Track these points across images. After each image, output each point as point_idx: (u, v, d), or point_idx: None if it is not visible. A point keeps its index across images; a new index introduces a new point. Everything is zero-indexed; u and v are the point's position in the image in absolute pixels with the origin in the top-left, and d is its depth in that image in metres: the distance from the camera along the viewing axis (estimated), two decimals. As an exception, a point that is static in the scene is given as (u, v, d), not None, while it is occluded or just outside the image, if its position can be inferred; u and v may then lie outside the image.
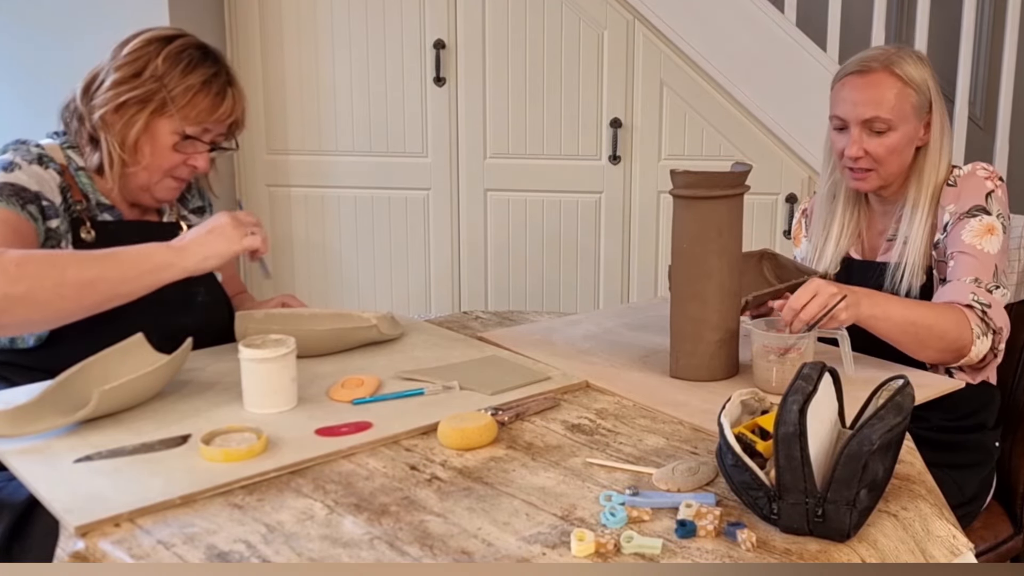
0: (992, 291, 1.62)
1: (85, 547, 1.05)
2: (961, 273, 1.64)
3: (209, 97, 1.60)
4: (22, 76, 3.03)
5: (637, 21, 2.94)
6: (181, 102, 1.58)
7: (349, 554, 1.03)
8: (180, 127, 1.59)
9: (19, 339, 1.54)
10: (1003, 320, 1.63)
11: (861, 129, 1.69)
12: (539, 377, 1.53)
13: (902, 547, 1.07)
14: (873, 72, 1.69)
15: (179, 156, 1.62)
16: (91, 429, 1.32)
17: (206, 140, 1.64)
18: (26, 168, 1.55)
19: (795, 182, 2.96)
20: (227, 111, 1.63)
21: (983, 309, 1.60)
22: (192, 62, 1.59)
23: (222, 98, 1.62)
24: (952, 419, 1.71)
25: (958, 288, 1.62)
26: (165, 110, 1.58)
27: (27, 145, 1.60)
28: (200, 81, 1.59)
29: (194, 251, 1.48)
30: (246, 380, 1.39)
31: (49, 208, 1.55)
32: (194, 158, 1.64)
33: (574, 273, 3.16)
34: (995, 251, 1.64)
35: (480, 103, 3.07)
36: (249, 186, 3.21)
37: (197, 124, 1.61)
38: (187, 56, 1.60)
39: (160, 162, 1.61)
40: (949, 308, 1.60)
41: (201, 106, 1.60)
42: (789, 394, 1.07)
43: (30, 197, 1.53)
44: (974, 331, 1.59)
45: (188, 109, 1.59)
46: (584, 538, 1.02)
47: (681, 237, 1.53)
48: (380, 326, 1.69)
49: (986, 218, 1.66)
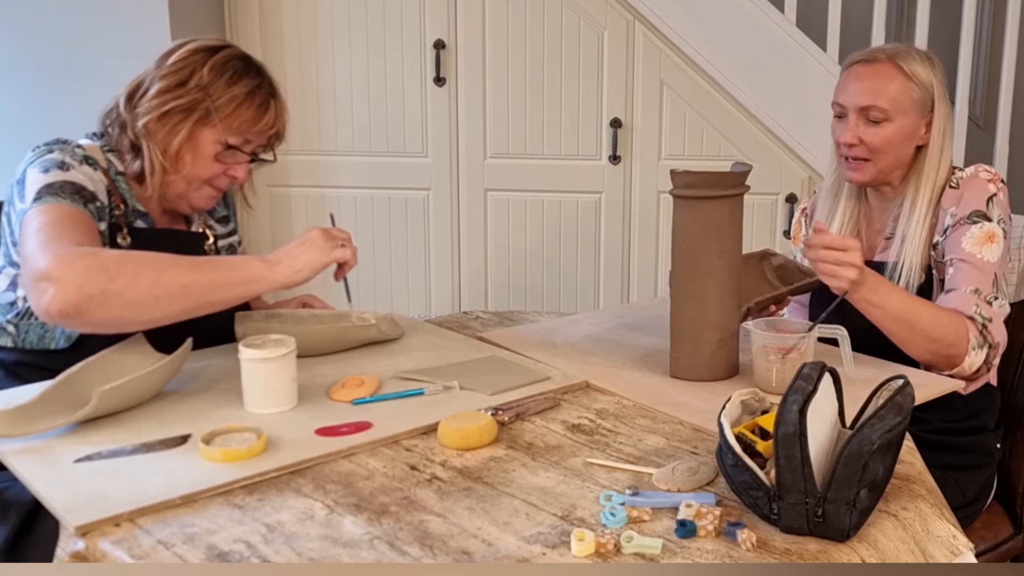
0: (992, 303, 1.63)
1: (85, 547, 1.05)
2: (962, 283, 1.64)
3: (253, 108, 1.60)
4: (22, 76, 3.03)
5: (637, 21, 2.94)
6: (225, 112, 1.58)
7: (349, 554, 1.03)
8: (223, 137, 1.59)
9: (50, 339, 1.53)
10: (1001, 335, 1.63)
11: (858, 117, 1.70)
12: (539, 377, 1.53)
13: (902, 547, 1.07)
14: (878, 62, 1.70)
15: (220, 166, 1.62)
16: (91, 429, 1.32)
17: (247, 151, 1.64)
18: (77, 168, 1.55)
19: (795, 182, 2.96)
20: (270, 122, 1.63)
21: (983, 323, 1.60)
22: (237, 73, 1.60)
23: (265, 109, 1.62)
24: (953, 421, 1.71)
25: (961, 298, 1.62)
26: (209, 120, 1.58)
27: (70, 145, 1.59)
28: (244, 92, 1.59)
29: (286, 265, 1.47)
30: (246, 380, 1.39)
31: (102, 209, 1.55)
32: (234, 168, 1.64)
33: (574, 273, 3.16)
34: (995, 259, 1.64)
35: (480, 103, 3.07)
36: (249, 186, 3.21)
37: (240, 135, 1.61)
38: (232, 67, 1.60)
39: (200, 171, 1.61)
40: (950, 314, 1.60)
41: (244, 116, 1.60)
42: (789, 394, 1.07)
43: (89, 196, 1.53)
44: (971, 342, 1.59)
45: (231, 119, 1.59)
46: (584, 538, 1.02)
47: (681, 237, 1.53)
48: (380, 326, 1.69)
49: (987, 225, 1.66)
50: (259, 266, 1.46)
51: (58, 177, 1.51)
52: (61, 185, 1.50)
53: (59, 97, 2.95)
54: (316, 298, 1.80)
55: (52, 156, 1.55)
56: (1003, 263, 1.66)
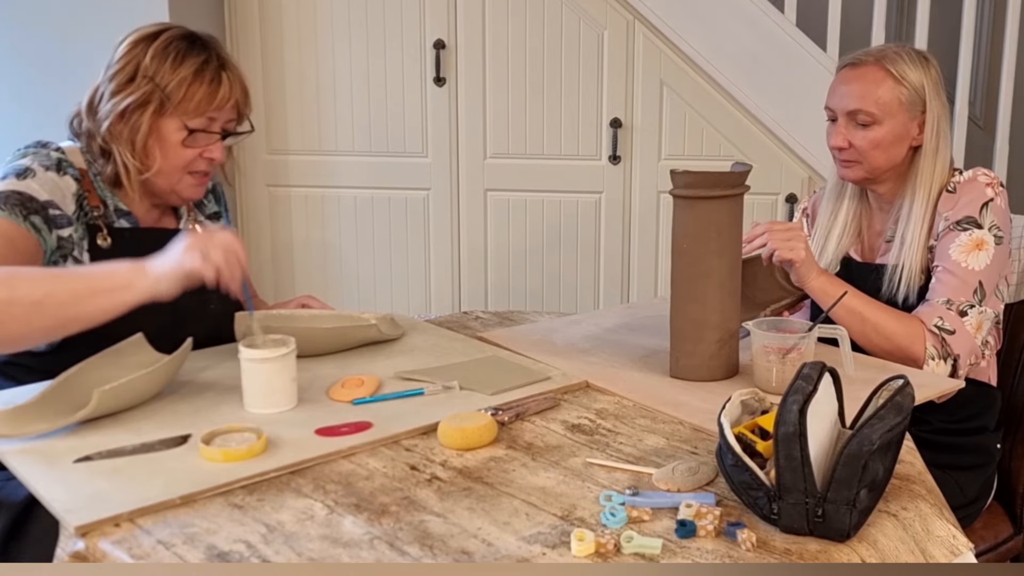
0: (966, 312, 1.62)
1: (85, 547, 1.05)
2: (936, 294, 1.65)
3: (204, 86, 1.57)
4: (22, 76, 3.03)
5: (637, 21, 2.94)
6: (177, 97, 1.55)
7: (349, 554, 1.03)
8: (184, 122, 1.57)
9: None
10: (966, 347, 1.62)
11: (847, 120, 1.71)
12: (539, 377, 1.53)
13: (902, 547, 1.07)
14: (864, 65, 1.70)
15: (192, 151, 1.60)
16: (91, 429, 1.32)
17: (216, 130, 1.61)
18: (41, 175, 1.53)
19: (795, 182, 2.96)
20: (226, 96, 1.59)
21: (943, 337, 1.60)
22: (180, 53, 1.56)
23: (218, 84, 1.58)
24: (953, 421, 1.71)
25: (927, 309, 1.64)
26: (164, 108, 1.56)
27: (47, 149, 1.59)
28: (191, 72, 1.56)
29: (151, 272, 1.36)
30: (246, 380, 1.39)
31: (60, 217, 1.53)
32: (208, 150, 1.61)
33: (574, 273, 3.16)
34: (981, 267, 1.64)
35: (480, 103, 3.07)
36: (249, 186, 3.21)
37: (199, 115, 1.58)
38: (174, 48, 1.57)
39: (174, 161, 1.59)
40: (908, 318, 1.62)
41: (198, 96, 1.56)
42: (789, 394, 1.07)
43: (36, 207, 1.51)
44: (928, 351, 1.60)
45: (186, 103, 1.56)
46: (584, 538, 1.02)
47: (681, 237, 1.53)
48: (380, 326, 1.69)
49: (976, 232, 1.65)
50: (126, 273, 1.36)
51: (9, 186, 1.50)
52: (6, 196, 1.49)
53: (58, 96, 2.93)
54: (315, 298, 1.79)
55: (20, 162, 1.55)
56: (995, 269, 1.65)
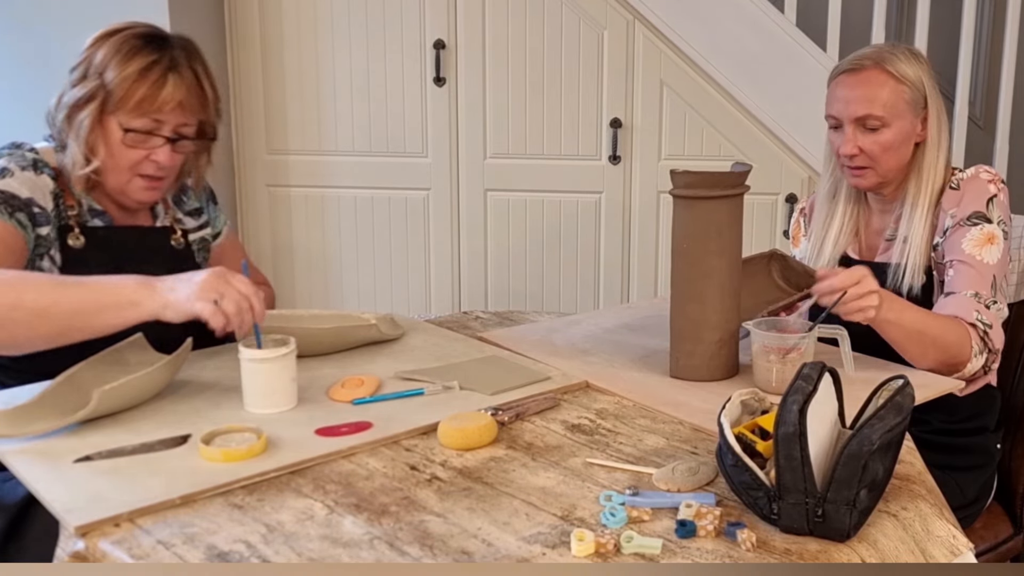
0: (990, 307, 1.62)
1: (85, 547, 1.05)
2: (962, 286, 1.63)
3: (146, 86, 1.51)
4: (22, 76, 3.03)
5: (637, 21, 2.94)
6: (119, 95, 1.51)
7: (349, 554, 1.03)
8: (123, 121, 1.53)
9: None
10: (1001, 341, 1.63)
11: (855, 127, 1.70)
12: (539, 377, 1.53)
13: (902, 547, 1.07)
14: (865, 70, 1.69)
15: (137, 152, 1.55)
16: (91, 429, 1.32)
17: (164, 133, 1.56)
18: (18, 174, 1.53)
19: (795, 182, 2.96)
20: (168, 98, 1.53)
21: (985, 329, 1.60)
22: (131, 51, 1.52)
23: (161, 85, 1.52)
24: (953, 422, 1.71)
25: (961, 303, 1.62)
26: (107, 106, 1.52)
27: (22, 149, 1.58)
28: (137, 70, 1.51)
29: (160, 296, 1.36)
30: (246, 380, 1.39)
31: (40, 215, 1.53)
32: (154, 152, 1.56)
33: (574, 273, 3.16)
34: (994, 261, 1.64)
35: (480, 103, 3.07)
36: (249, 186, 3.21)
37: (141, 116, 1.53)
38: (127, 45, 1.53)
39: (119, 161, 1.55)
40: (955, 322, 1.60)
41: (139, 96, 1.51)
42: (789, 394, 1.07)
43: (20, 204, 1.51)
44: (973, 348, 1.59)
45: (125, 101, 1.51)
46: (584, 538, 1.02)
47: (681, 237, 1.53)
48: (380, 326, 1.69)
49: (987, 226, 1.65)
50: (136, 290, 1.36)
51: None
52: None
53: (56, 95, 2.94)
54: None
55: None
56: (1003, 265, 1.66)
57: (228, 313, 1.35)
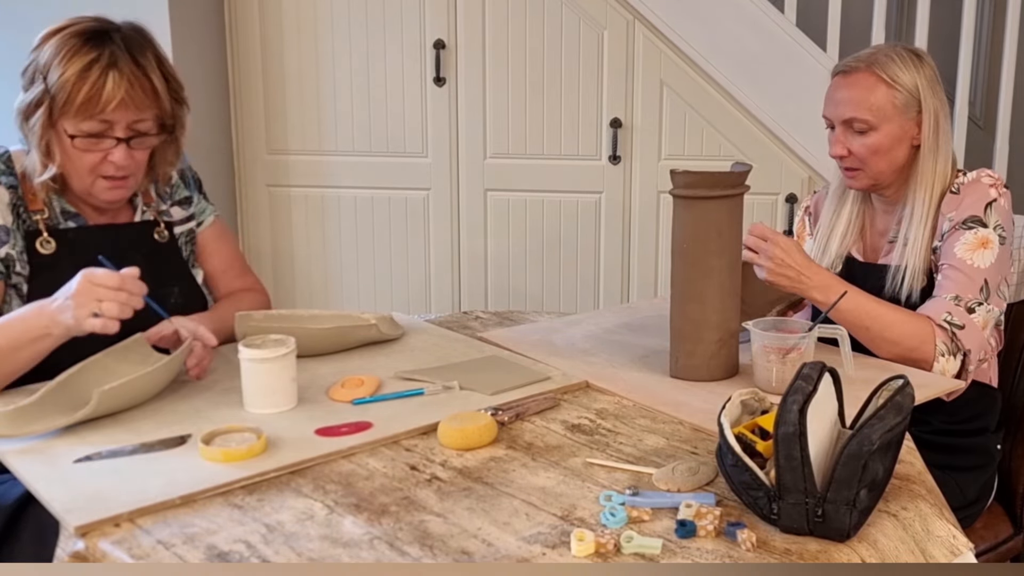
0: (974, 309, 1.61)
1: (85, 547, 1.05)
2: (944, 290, 1.63)
3: (86, 87, 1.45)
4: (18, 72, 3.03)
5: (637, 21, 2.94)
6: (61, 99, 1.45)
7: (349, 554, 1.03)
8: (70, 126, 1.47)
9: None
10: (976, 343, 1.61)
11: (844, 129, 1.70)
12: (539, 377, 1.53)
13: (902, 547, 1.07)
14: (855, 72, 1.69)
15: (92, 155, 1.50)
16: (91, 429, 1.32)
17: (117, 133, 1.49)
18: None
19: (795, 182, 2.96)
20: (110, 97, 1.45)
21: (954, 331, 1.60)
22: (69, 52, 1.46)
23: (102, 85, 1.45)
24: (954, 422, 1.71)
25: (935, 304, 1.62)
26: (54, 111, 1.47)
27: None
28: (75, 73, 1.45)
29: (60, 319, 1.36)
30: (246, 380, 1.39)
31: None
32: (111, 153, 1.50)
33: (574, 273, 3.16)
34: (986, 265, 1.63)
35: (480, 103, 3.07)
36: (249, 186, 3.21)
37: (88, 118, 1.47)
38: (66, 47, 1.46)
39: (76, 165, 1.51)
40: (917, 320, 1.60)
41: (80, 99, 1.45)
42: (789, 394, 1.07)
43: None
44: (938, 348, 1.58)
45: (69, 105, 1.45)
46: (584, 538, 1.02)
47: (681, 237, 1.53)
48: (380, 326, 1.69)
49: (981, 231, 1.65)
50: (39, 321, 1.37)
51: None
52: None
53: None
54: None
55: None
56: (999, 268, 1.65)
57: (114, 316, 1.35)
